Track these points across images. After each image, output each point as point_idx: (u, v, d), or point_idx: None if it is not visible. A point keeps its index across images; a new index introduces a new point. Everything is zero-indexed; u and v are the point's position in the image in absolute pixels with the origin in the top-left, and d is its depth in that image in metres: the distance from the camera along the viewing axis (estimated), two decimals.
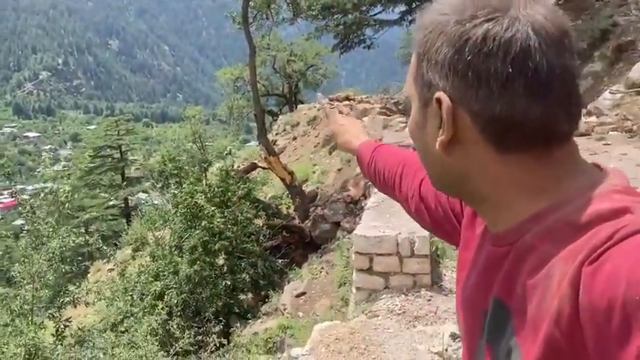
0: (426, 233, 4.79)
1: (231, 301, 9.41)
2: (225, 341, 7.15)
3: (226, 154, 11.56)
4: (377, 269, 4.79)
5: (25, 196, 8.93)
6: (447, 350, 3.55)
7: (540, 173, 0.73)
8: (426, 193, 1.22)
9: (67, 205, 7.04)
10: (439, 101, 0.74)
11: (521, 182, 0.74)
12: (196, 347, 6.47)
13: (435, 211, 1.18)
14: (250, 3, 12.66)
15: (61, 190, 7.34)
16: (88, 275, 20.14)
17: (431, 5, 0.78)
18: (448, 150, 0.76)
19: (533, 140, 0.71)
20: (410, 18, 18.97)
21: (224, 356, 5.68)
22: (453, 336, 3.63)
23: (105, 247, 8.94)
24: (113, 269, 14.78)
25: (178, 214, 9.73)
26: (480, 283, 0.83)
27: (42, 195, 7.66)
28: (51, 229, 6.44)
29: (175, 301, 8.58)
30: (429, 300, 4.37)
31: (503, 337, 0.73)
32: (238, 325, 8.84)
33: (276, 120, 29.15)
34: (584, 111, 11.19)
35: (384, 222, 5.13)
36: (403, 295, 4.44)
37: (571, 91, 0.71)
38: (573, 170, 0.74)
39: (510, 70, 0.68)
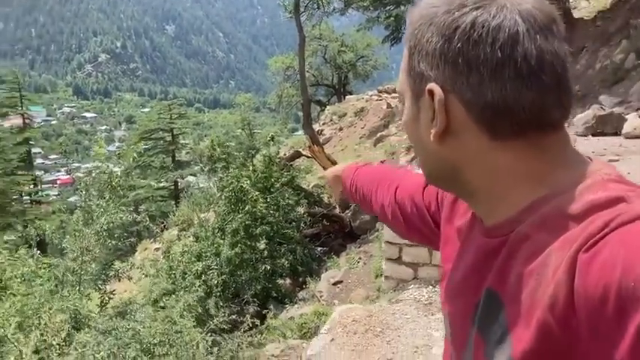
0: None
1: (270, 285, 9.57)
2: (259, 323, 7.30)
3: (269, 140, 11.72)
4: (406, 259, 4.80)
5: (80, 174, 9.32)
6: None
7: (534, 161, 0.74)
8: (402, 198, 1.23)
9: (115, 184, 7.33)
10: (431, 92, 0.75)
11: (516, 171, 0.74)
12: (231, 326, 6.65)
13: (411, 215, 1.19)
14: None
15: (113, 171, 7.65)
16: (136, 253, 20.81)
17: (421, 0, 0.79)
18: (442, 141, 0.76)
19: (525, 127, 0.72)
20: None
21: (255, 337, 5.83)
22: None
23: (151, 226, 9.25)
24: (159, 248, 15.25)
25: (223, 197, 9.95)
26: (471, 275, 0.83)
27: (94, 174, 8.00)
28: (101, 207, 6.74)
29: (215, 282, 8.81)
30: None
31: (494, 325, 0.74)
32: (274, 308, 9.02)
33: (324, 110, 29.22)
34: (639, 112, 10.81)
35: None
36: (431, 287, 4.45)
37: (561, 78, 0.72)
38: (566, 159, 0.75)
39: (500, 56, 0.69)
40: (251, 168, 10.47)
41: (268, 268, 9.49)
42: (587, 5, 17.44)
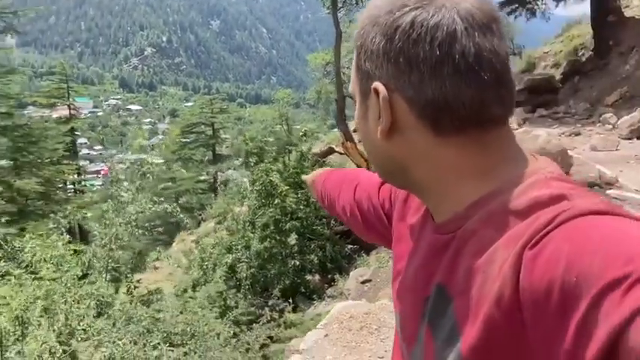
0: None
1: (299, 281, 9.62)
2: (277, 317, 7.35)
3: (301, 136, 11.76)
4: None
5: (123, 166, 9.55)
6: None
7: (476, 157, 0.74)
8: (360, 196, 1.25)
9: (148, 175, 7.48)
10: (376, 91, 0.76)
11: (459, 166, 0.75)
12: (252, 318, 6.72)
13: (368, 213, 1.21)
14: None
15: (145, 162, 7.81)
16: (173, 244, 21.22)
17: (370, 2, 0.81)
18: (389, 138, 0.77)
19: (466, 123, 0.72)
20: (508, 9, 18.28)
21: (273, 330, 5.87)
22: None
23: (182, 217, 9.45)
24: (196, 240, 15.50)
25: (254, 191, 10.05)
26: (421, 270, 0.84)
27: (127, 164, 8.19)
28: (131, 196, 6.90)
29: (244, 275, 8.90)
30: None
31: (443, 320, 0.75)
32: (301, 304, 9.05)
33: None
34: None
35: None
36: None
37: (500, 75, 0.73)
38: (510, 155, 0.76)
39: (438, 54, 0.70)
40: (282, 163, 10.52)
41: (297, 263, 9.54)
42: (639, 4, 16.86)
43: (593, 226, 0.62)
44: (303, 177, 1.75)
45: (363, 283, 8.97)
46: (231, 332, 5.30)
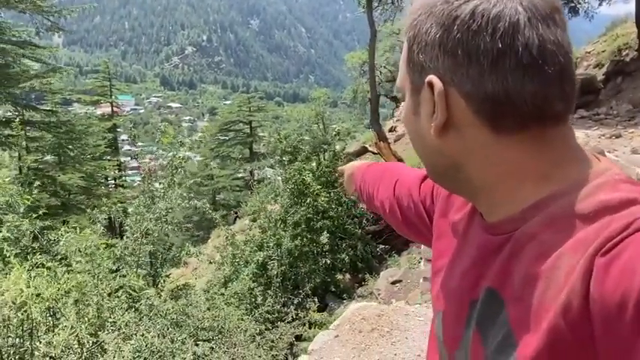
0: None
1: (329, 280, 9.63)
2: (304, 315, 7.38)
3: (335, 135, 11.75)
4: None
5: (162, 161, 9.73)
6: None
7: (538, 156, 0.70)
8: (400, 192, 1.21)
9: (179, 170, 7.62)
10: (430, 84, 0.72)
11: (519, 165, 0.71)
12: (279, 316, 6.76)
13: (407, 209, 1.17)
14: None
15: (177, 156, 7.96)
16: (209, 240, 21.52)
17: None
18: (443, 135, 0.73)
19: (528, 120, 0.69)
20: None
21: (298, 328, 5.90)
22: None
23: (211, 213, 9.59)
24: (229, 237, 15.69)
25: (287, 190, 10.11)
26: (469, 272, 0.80)
27: (159, 161, 8.38)
28: (162, 191, 7.05)
29: (275, 272, 8.96)
30: None
31: (495, 326, 0.71)
32: (332, 303, 9.08)
33: (399, 106, 28.94)
34: None
35: None
36: None
37: (564, 68, 0.69)
38: (572, 155, 0.72)
39: (500, 46, 0.66)
40: (315, 162, 10.55)
41: (328, 262, 9.54)
42: None
43: None
44: (340, 168, 1.73)
45: (393, 283, 8.93)
46: (258, 329, 5.35)
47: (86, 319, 3.97)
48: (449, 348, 0.84)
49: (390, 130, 21.75)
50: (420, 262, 9.06)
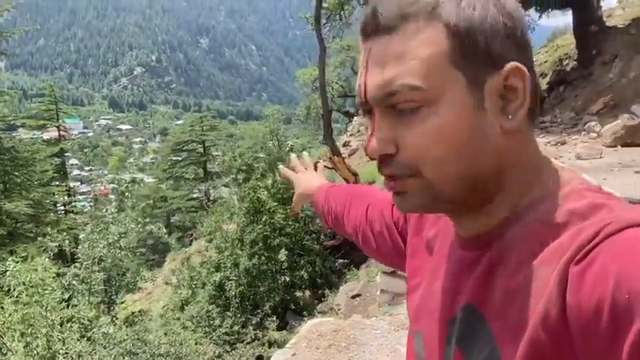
0: None
1: (289, 297, 9.56)
2: (261, 335, 7.29)
3: (288, 151, 11.77)
4: (401, 273, 4.67)
5: (113, 185, 9.49)
6: None
7: (538, 153, 0.70)
8: (372, 216, 1.15)
9: (127, 194, 7.44)
10: (514, 72, 0.65)
11: (530, 169, 0.70)
12: (239, 337, 6.66)
13: (380, 234, 1.11)
14: (324, 4, 12.82)
15: (123, 180, 7.78)
16: (165, 264, 21.09)
17: None
18: (511, 131, 0.67)
19: (534, 116, 0.69)
20: None
21: (257, 348, 5.81)
22: None
23: (166, 237, 9.40)
24: (186, 259, 15.41)
25: (242, 208, 10.02)
26: (446, 290, 0.77)
27: (109, 184, 8.18)
28: (113, 216, 6.87)
29: (233, 293, 8.83)
30: None
31: (477, 343, 0.69)
32: (293, 321, 8.99)
33: (352, 121, 29.22)
34: None
35: None
36: None
37: None
38: (545, 161, 0.72)
39: (526, 39, 0.69)
40: (271, 179, 10.52)
41: (287, 279, 9.48)
42: (622, 13, 17.08)
43: None
44: (282, 170, 1.60)
45: (353, 297, 8.92)
46: (216, 352, 5.24)
47: (35, 352, 3.79)
48: None
49: (344, 145, 21.90)
50: (378, 275, 9.10)
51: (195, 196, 33.72)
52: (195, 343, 5.05)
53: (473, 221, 0.73)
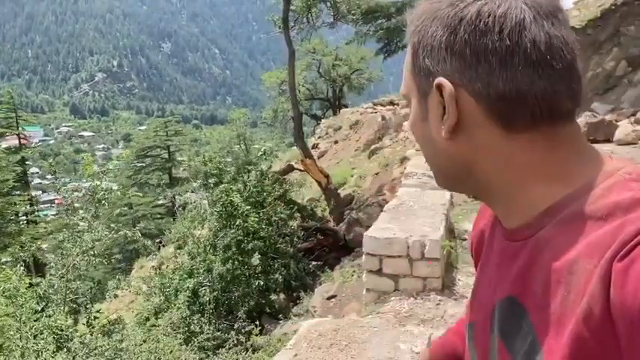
0: (438, 236, 4.73)
1: (263, 301, 9.48)
2: (244, 340, 7.22)
3: (261, 154, 11.72)
4: (386, 271, 4.74)
5: (79, 194, 9.32)
6: None
7: (550, 156, 0.70)
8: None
9: (103, 202, 7.31)
10: (440, 87, 0.71)
11: (532, 166, 0.71)
12: (220, 342, 6.58)
13: None
14: (291, 7, 12.81)
15: (98, 187, 7.64)
16: (133, 271, 20.72)
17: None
18: (454, 137, 0.73)
19: (538, 118, 0.69)
20: None
21: (240, 354, 5.75)
22: None
23: (145, 242, 9.24)
24: (155, 266, 15.17)
25: (214, 213, 9.92)
26: (491, 280, 0.80)
27: (82, 192, 8.01)
28: (86, 224, 6.72)
29: (207, 299, 8.73)
30: (438, 304, 4.32)
31: (519, 334, 0.70)
32: (268, 325, 8.92)
33: (319, 124, 29.28)
34: (632, 118, 10.83)
35: (398, 224, 5.08)
36: (412, 298, 4.41)
37: (571, 65, 0.69)
38: (583, 153, 0.72)
39: (508, 44, 0.67)
40: (242, 182, 10.44)
41: (262, 283, 9.41)
42: (578, 14, 17.54)
43: None
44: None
45: (328, 299, 8.92)
46: (197, 359, 5.17)
47: None
48: (479, 358, 0.84)
49: (313, 147, 21.92)
50: (353, 276, 9.12)
51: (160, 202, 33.26)
52: (171, 351, 4.97)
53: (507, 213, 0.76)
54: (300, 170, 13.29)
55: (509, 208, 0.75)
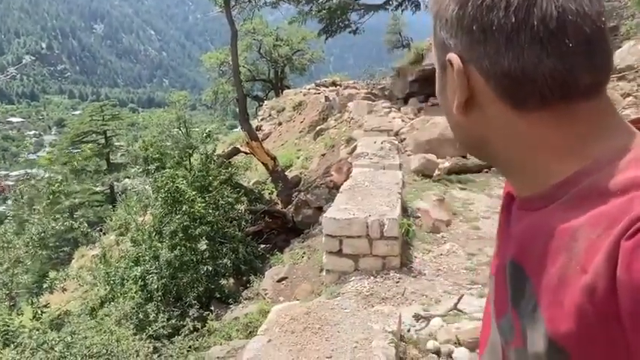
0: (396, 215, 4.80)
1: (213, 287, 9.38)
2: (200, 326, 7.13)
3: (206, 136, 11.48)
4: (346, 251, 4.79)
5: (10, 182, 8.85)
6: (409, 331, 3.56)
7: (564, 132, 0.68)
8: None
9: (56, 189, 6.98)
10: (450, 62, 0.71)
11: (545, 142, 0.69)
12: (173, 331, 6.46)
13: None
14: None
15: (53, 178, 7.27)
16: (72, 261, 20.08)
17: None
18: (466, 112, 0.73)
19: (548, 96, 0.66)
20: (395, 3, 18.84)
21: (197, 340, 5.68)
22: (417, 317, 3.62)
23: (91, 232, 8.92)
24: (97, 255, 14.73)
25: (159, 199, 9.67)
26: (502, 246, 0.82)
27: (32, 182, 7.60)
28: (36, 216, 6.39)
29: (155, 286, 8.55)
30: (397, 282, 4.39)
31: (524, 299, 0.71)
32: (217, 309, 8.84)
33: (262, 105, 29.02)
34: None
35: (355, 204, 5.12)
36: (372, 277, 4.46)
37: (591, 40, 0.66)
38: (606, 129, 0.69)
39: (513, 21, 0.65)
40: (187, 167, 10.22)
41: (210, 268, 9.30)
42: None
43: None
44: None
45: (279, 281, 8.90)
46: (151, 347, 5.06)
47: None
48: (497, 314, 0.83)
49: (257, 129, 21.72)
50: (303, 257, 9.13)
51: (98, 189, 32.29)
52: (127, 339, 4.84)
53: (520, 185, 0.77)
54: (246, 153, 13.13)
55: (521, 181, 0.76)
